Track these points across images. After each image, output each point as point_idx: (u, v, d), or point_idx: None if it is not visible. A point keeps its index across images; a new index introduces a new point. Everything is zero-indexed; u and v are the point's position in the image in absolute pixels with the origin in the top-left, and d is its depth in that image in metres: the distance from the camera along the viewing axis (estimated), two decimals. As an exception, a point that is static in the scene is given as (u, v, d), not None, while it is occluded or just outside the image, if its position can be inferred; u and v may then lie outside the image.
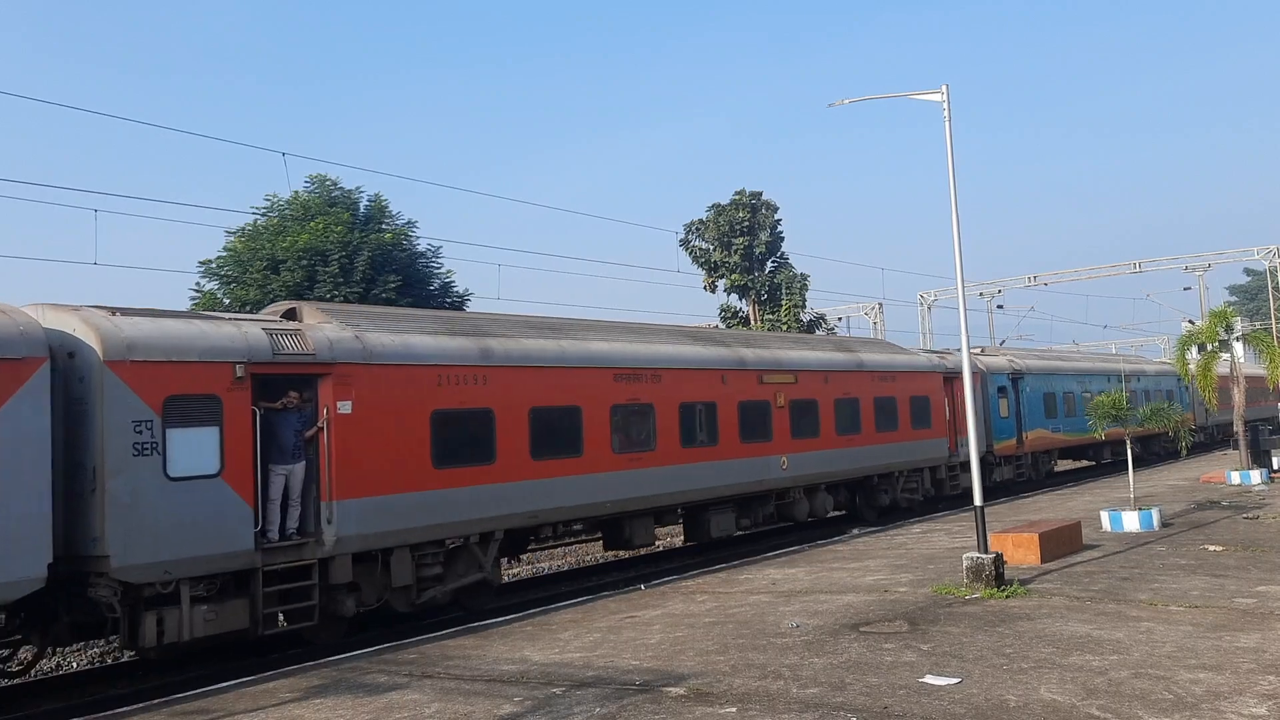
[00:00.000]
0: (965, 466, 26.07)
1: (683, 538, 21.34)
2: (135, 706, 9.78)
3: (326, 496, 12.26)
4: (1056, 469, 35.37)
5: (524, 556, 19.53)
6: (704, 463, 17.91)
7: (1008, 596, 12.16)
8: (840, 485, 22.36)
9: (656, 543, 21.18)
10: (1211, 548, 15.35)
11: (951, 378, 26.15)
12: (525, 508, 14.70)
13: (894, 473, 23.82)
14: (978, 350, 32.52)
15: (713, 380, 18.31)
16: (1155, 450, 40.63)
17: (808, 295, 45.21)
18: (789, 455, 20.01)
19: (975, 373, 29.43)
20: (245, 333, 11.81)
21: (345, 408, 12.49)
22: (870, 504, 23.51)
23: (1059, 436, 32.15)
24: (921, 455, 24.66)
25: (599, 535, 18.77)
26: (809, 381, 20.92)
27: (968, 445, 15.15)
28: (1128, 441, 19.51)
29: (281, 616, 12.13)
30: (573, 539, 20.23)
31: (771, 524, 20.87)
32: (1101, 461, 37.10)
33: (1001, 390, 29.21)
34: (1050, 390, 31.88)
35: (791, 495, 20.46)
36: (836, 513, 23.16)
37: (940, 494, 25.87)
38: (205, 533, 11.04)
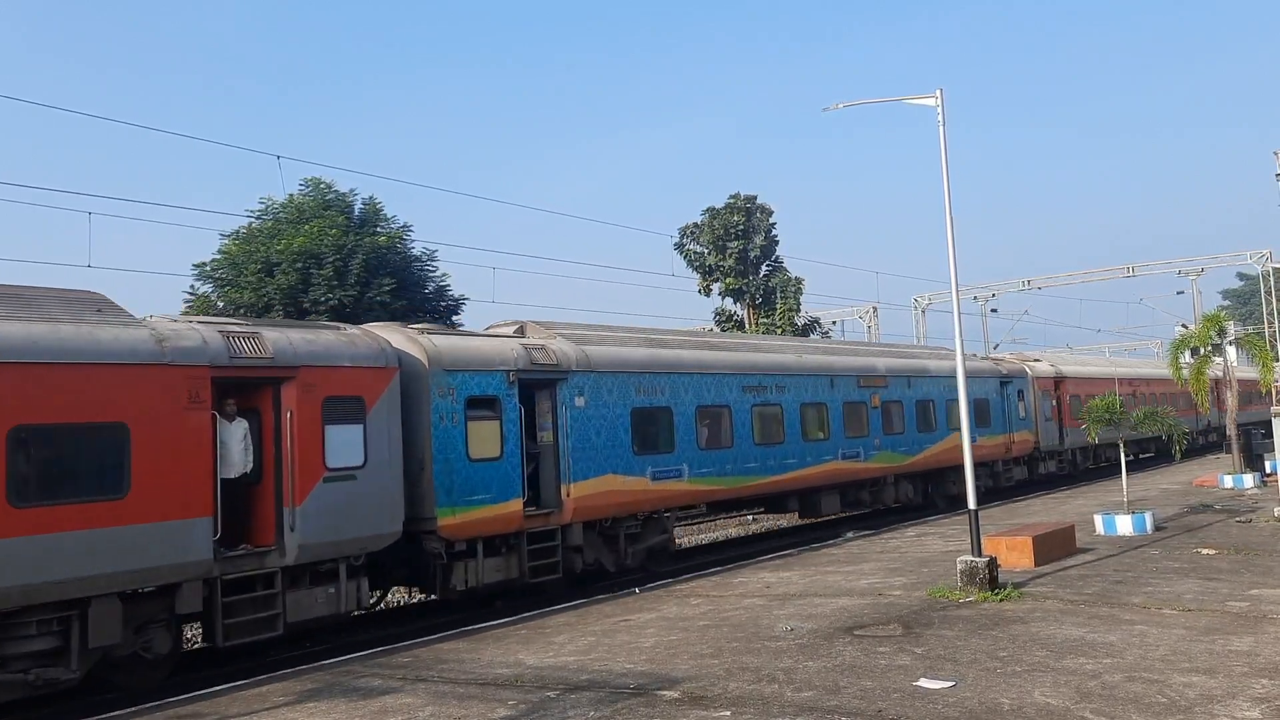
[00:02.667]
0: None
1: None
2: (128, 710, 9.75)
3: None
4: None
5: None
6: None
7: (1001, 600, 12.17)
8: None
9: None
10: (1205, 551, 15.39)
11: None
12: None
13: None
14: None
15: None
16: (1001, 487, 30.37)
17: (802, 299, 45.28)
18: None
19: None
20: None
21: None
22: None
23: (662, 487, 17.44)
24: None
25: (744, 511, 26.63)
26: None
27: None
28: (1122, 445, 19.54)
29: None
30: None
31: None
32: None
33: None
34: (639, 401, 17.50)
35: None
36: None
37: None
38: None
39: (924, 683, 8.51)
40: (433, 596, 15.59)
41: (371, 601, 14.45)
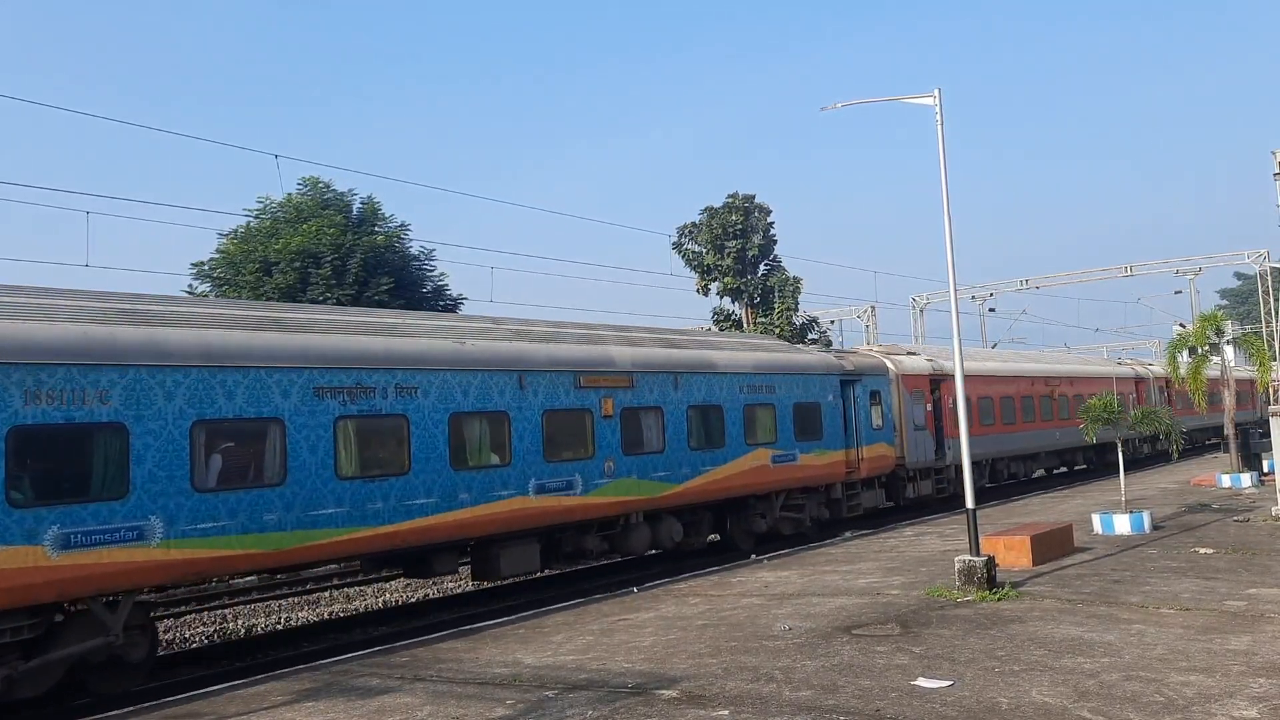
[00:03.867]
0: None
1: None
2: (126, 710, 9.75)
3: None
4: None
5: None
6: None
7: (999, 599, 12.18)
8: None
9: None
10: (1202, 550, 15.40)
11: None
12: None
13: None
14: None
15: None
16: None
17: (800, 299, 45.27)
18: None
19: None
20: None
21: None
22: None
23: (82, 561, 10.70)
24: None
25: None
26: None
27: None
28: (1119, 446, 19.56)
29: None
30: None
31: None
32: None
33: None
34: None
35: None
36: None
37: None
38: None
39: (922, 682, 8.52)
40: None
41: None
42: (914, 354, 27.57)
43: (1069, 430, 32.01)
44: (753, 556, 18.13)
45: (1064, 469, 37.82)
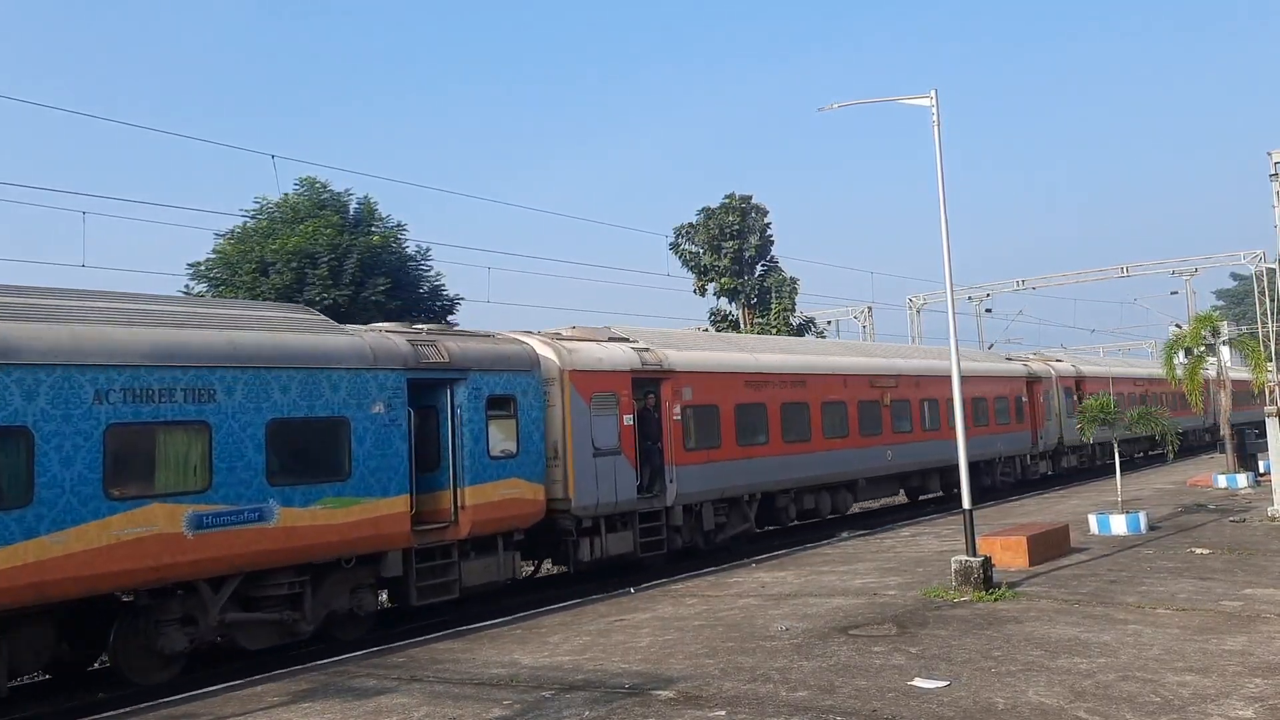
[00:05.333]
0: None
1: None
2: (123, 710, 9.74)
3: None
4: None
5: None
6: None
7: (996, 599, 12.19)
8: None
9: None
10: (1198, 551, 15.42)
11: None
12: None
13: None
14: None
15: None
16: None
17: (797, 299, 45.29)
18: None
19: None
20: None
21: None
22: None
23: None
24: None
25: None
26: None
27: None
28: (1115, 445, 19.58)
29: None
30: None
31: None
32: None
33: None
34: None
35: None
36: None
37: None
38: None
39: (918, 682, 8.53)
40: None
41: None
42: (620, 340, 17.89)
43: (912, 447, 24.65)
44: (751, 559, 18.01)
45: (905, 499, 28.54)
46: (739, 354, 20.73)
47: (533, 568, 17.85)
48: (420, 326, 15.43)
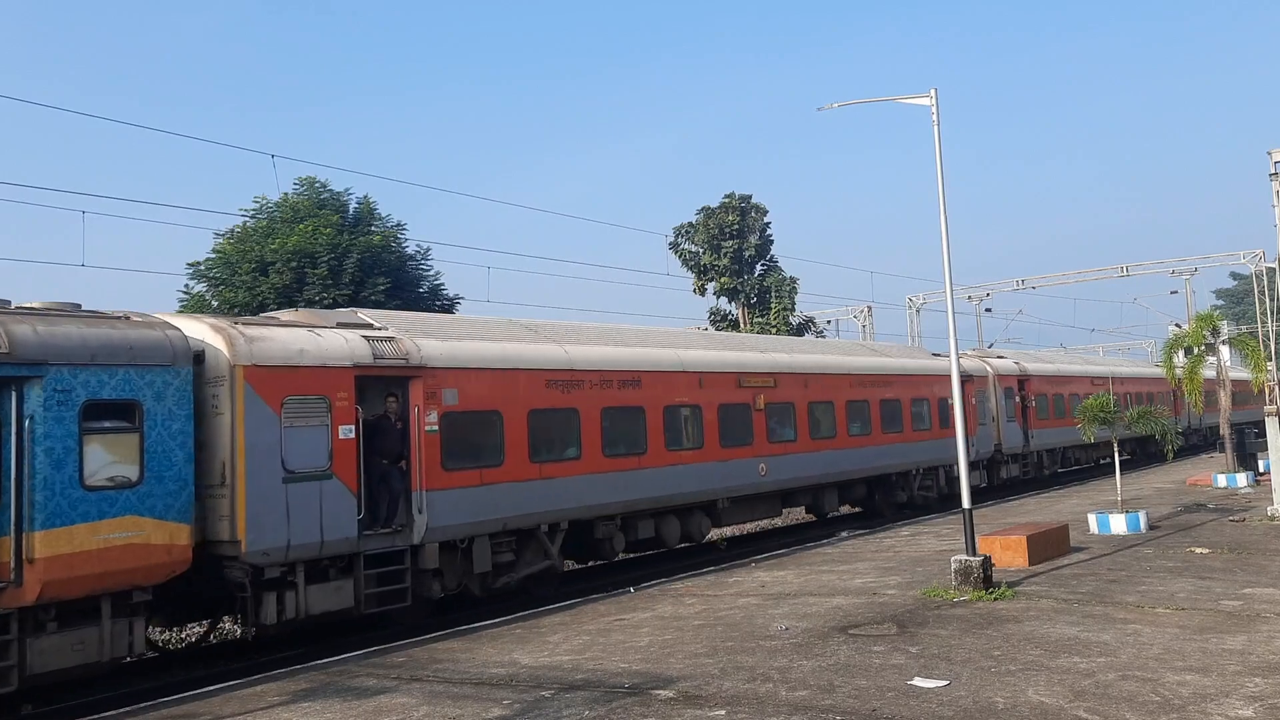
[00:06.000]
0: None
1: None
2: (122, 710, 9.74)
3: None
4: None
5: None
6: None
7: (995, 599, 12.20)
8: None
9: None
10: (1198, 550, 15.43)
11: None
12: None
13: None
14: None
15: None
16: None
17: (797, 299, 45.29)
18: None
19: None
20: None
21: None
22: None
23: None
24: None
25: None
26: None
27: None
28: (1115, 445, 19.60)
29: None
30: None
31: None
32: None
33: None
34: None
35: None
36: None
37: None
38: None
39: (918, 682, 8.53)
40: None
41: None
42: (351, 327, 13.91)
43: (797, 460, 20.75)
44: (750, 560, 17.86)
45: (813, 517, 25.15)
46: (540, 346, 16.17)
47: (204, 628, 14.41)
48: None
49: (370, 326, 14.08)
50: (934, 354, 29.05)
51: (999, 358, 31.68)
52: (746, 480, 19.41)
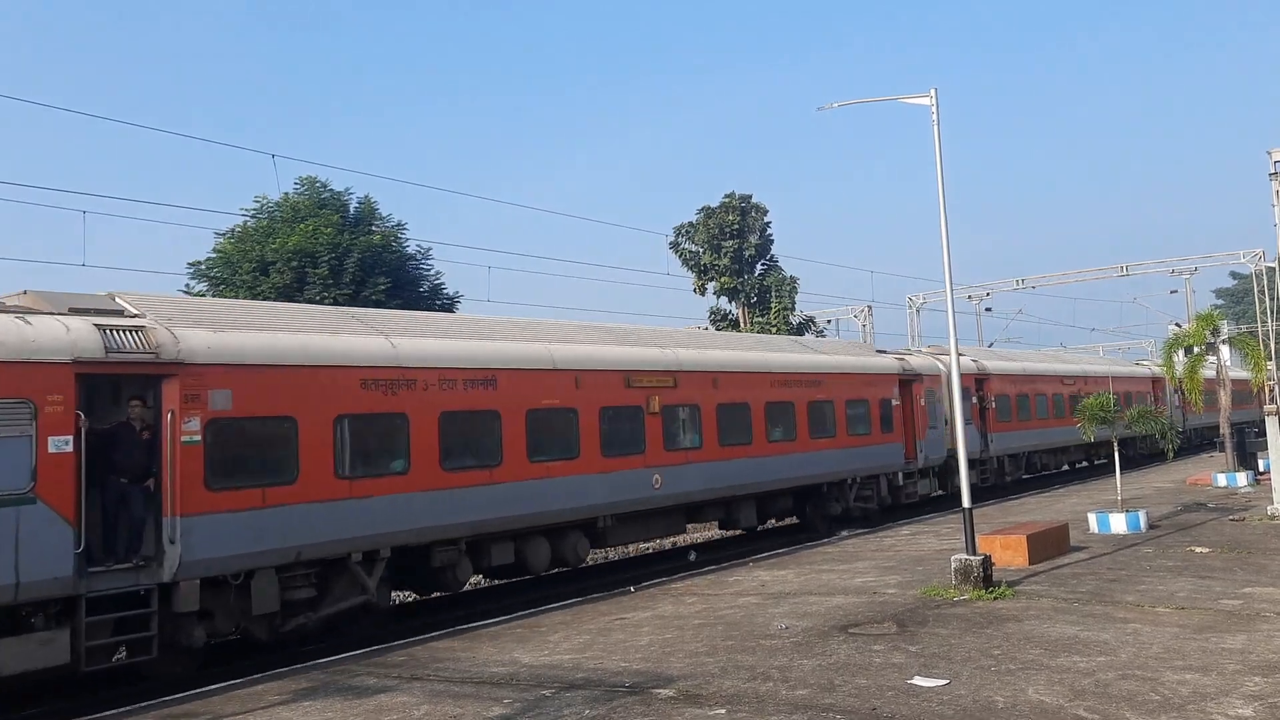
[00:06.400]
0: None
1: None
2: (121, 710, 9.74)
3: None
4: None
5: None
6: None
7: (995, 598, 12.20)
8: None
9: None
10: (1198, 549, 15.43)
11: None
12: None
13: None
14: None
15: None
16: None
17: (797, 298, 45.33)
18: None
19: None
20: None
21: None
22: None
23: None
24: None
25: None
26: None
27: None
28: (1115, 444, 19.60)
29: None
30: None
31: None
32: None
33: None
34: None
35: None
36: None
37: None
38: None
39: (918, 681, 8.54)
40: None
41: None
42: (82, 313, 11.47)
43: (700, 470, 18.16)
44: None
45: (739, 530, 22.49)
46: (356, 338, 13.55)
47: None
48: None
49: (120, 313, 11.66)
50: (879, 350, 27.55)
51: (959, 355, 29.83)
52: (636, 494, 16.87)
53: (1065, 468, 36.03)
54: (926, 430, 25.39)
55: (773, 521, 22.90)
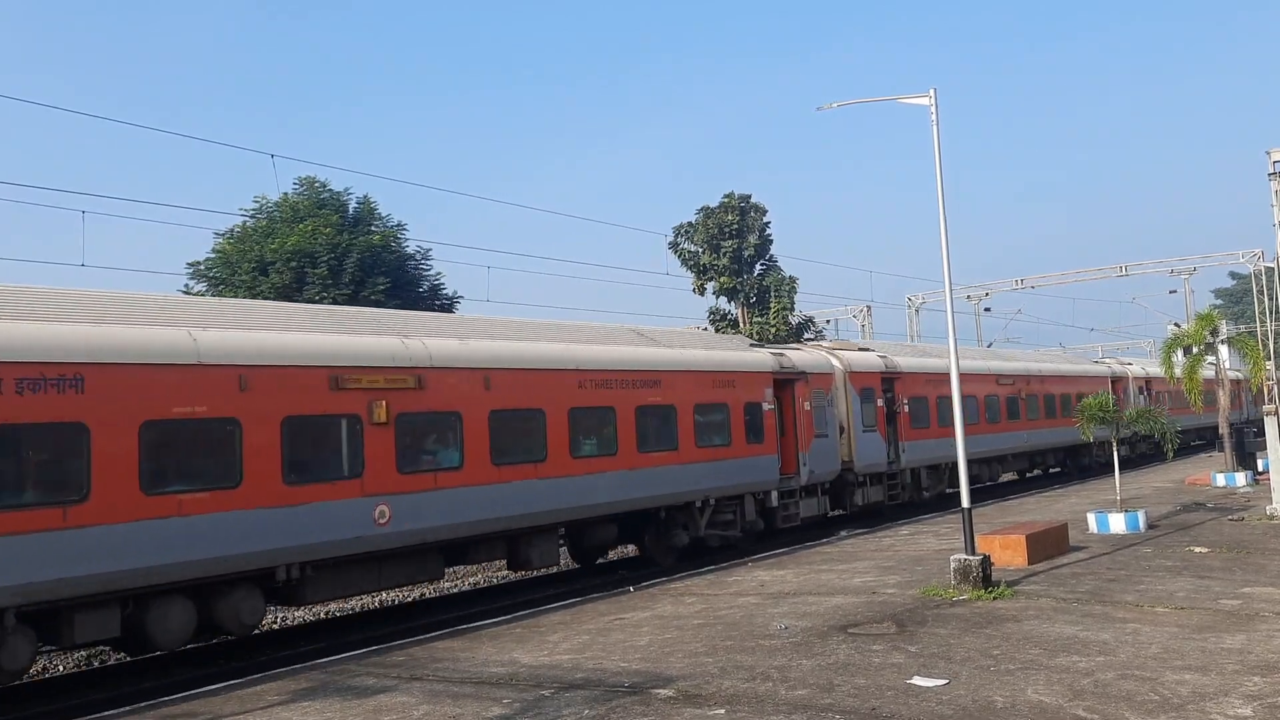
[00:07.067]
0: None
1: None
2: (122, 710, 9.74)
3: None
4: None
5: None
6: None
7: (995, 598, 12.21)
8: None
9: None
10: (1197, 549, 15.44)
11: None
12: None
13: None
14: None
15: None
16: None
17: (796, 298, 45.30)
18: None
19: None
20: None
21: None
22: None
23: None
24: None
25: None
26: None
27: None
28: (1114, 444, 19.60)
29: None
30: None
31: None
32: None
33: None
34: None
35: None
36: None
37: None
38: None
39: (917, 680, 8.54)
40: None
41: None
42: None
43: (450, 499, 13.96)
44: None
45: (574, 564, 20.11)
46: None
47: None
48: None
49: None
50: (752, 345, 23.45)
51: (862, 350, 25.49)
52: (344, 533, 12.60)
53: (1011, 477, 32.86)
54: (812, 440, 21.34)
55: (613, 554, 20.10)
